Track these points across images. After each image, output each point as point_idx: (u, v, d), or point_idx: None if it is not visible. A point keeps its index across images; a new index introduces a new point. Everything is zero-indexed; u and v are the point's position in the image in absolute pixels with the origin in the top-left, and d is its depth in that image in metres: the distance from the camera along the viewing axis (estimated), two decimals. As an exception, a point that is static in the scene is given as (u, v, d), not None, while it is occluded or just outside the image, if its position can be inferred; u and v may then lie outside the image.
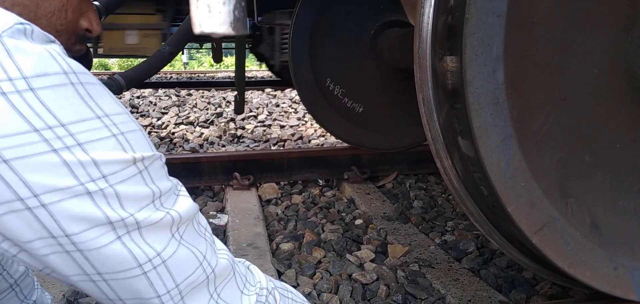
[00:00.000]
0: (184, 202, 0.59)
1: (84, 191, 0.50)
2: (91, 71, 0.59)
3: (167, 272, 0.55)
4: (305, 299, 0.79)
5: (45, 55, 0.50)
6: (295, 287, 1.47)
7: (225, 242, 1.80)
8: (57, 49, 0.52)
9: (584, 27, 0.93)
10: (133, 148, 0.53)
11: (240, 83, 2.33)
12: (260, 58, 6.85)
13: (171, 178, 0.59)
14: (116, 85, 1.43)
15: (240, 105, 2.30)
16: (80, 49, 0.73)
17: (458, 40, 0.83)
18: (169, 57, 1.59)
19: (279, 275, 1.54)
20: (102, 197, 0.51)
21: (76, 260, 0.52)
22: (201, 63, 16.42)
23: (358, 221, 2.00)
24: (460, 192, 0.99)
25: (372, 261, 1.65)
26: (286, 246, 1.75)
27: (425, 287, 1.47)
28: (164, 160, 0.59)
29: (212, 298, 0.60)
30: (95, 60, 8.56)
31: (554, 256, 0.89)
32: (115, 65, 13.93)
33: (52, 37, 0.54)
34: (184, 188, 0.61)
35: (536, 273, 1.07)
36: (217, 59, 2.05)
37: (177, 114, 4.24)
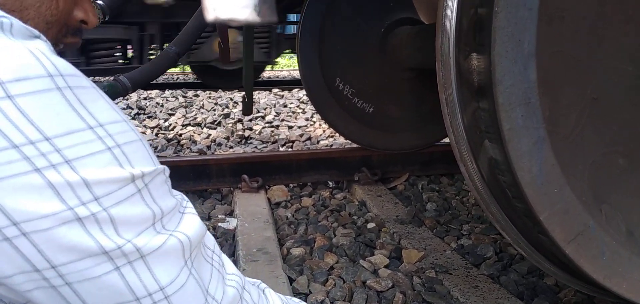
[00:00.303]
0: (191, 222, 0.51)
1: (72, 216, 0.42)
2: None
3: None
4: None
5: (26, 55, 0.42)
6: (307, 295, 1.42)
7: (234, 247, 1.75)
8: (41, 46, 0.45)
9: (617, 20, 0.87)
10: (131, 163, 0.46)
11: (249, 84, 2.28)
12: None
13: (175, 193, 0.52)
14: (121, 86, 1.39)
15: (248, 106, 2.25)
16: (74, 41, 0.64)
17: (485, 36, 0.77)
18: (175, 58, 1.54)
19: (291, 282, 1.48)
20: (94, 223, 0.43)
21: (64, 296, 0.44)
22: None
23: (370, 225, 1.94)
24: (486, 198, 0.93)
25: (386, 267, 1.59)
26: (297, 251, 1.70)
27: (443, 295, 1.41)
28: (167, 173, 0.52)
29: None
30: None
31: (589, 266, 0.83)
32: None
33: (37, 32, 0.47)
34: (190, 204, 0.54)
35: (567, 283, 1.00)
36: (225, 59, 1.99)
37: (185, 116, 4.21)
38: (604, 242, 0.84)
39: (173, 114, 4.27)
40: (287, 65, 14.64)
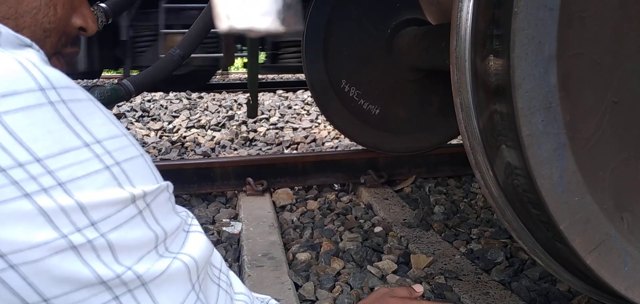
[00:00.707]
0: (197, 242, 0.48)
1: (66, 245, 0.38)
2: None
3: None
4: None
5: (14, 66, 0.38)
6: (314, 302, 1.39)
7: (239, 252, 1.73)
8: (32, 56, 0.41)
9: (638, 22, 0.83)
10: (132, 182, 0.42)
11: (253, 86, 2.25)
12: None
13: (180, 210, 0.49)
14: (125, 90, 1.36)
15: (253, 109, 2.22)
16: (74, 52, 0.61)
17: (504, 37, 0.74)
18: (179, 61, 1.51)
19: (297, 288, 1.45)
20: (90, 250, 0.39)
21: None
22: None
23: (377, 229, 1.91)
24: (501, 204, 0.89)
25: (394, 272, 1.56)
26: (303, 256, 1.67)
27: (454, 302, 1.38)
28: (171, 190, 0.48)
29: None
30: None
31: (610, 277, 0.79)
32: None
33: (28, 41, 0.43)
34: (195, 221, 0.50)
35: (586, 294, 0.97)
36: (229, 63, 1.96)
37: (188, 118, 4.18)
38: (626, 252, 0.80)
39: (177, 116, 4.25)
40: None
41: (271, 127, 3.91)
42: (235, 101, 5.11)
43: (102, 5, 1.22)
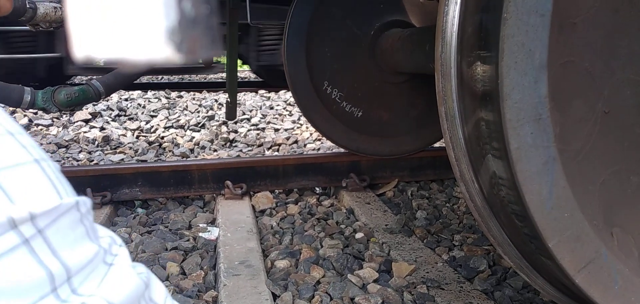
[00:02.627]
0: (121, 279, 0.35)
1: None
2: None
3: None
4: None
5: None
6: (292, 313, 1.33)
7: (215, 259, 1.66)
8: None
9: (631, 28, 0.80)
10: (10, 197, 0.30)
11: (232, 87, 2.18)
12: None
13: (102, 235, 0.36)
14: (94, 91, 1.29)
15: (232, 110, 2.16)
16: None
17: (492, 44, 0.69)
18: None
19: (275, 298, 1.40)
20: None
21: None
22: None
23: (358, 235, 1.86)
24: (487, 219, 0.85)
25: (375, 281, 1.51)
26: (282, 264, 1.61)
27: (437, 314, 1.34)
28: (85, 208, 0.35)
29: None
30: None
31: (600, 296, 0.76)
32: (105, 64, 13.73)
33: None
34: (124, 250, 0.38)
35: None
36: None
37: (167, 117, 4.09)
38: (616, 270, 0.77)
39: (155, 116, 4.15)
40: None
41: (252, 128, 3.84)
42: (216, 100, 5.02)
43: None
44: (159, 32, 0.19)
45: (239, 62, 6.74)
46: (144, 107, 4.59)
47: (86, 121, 3.85)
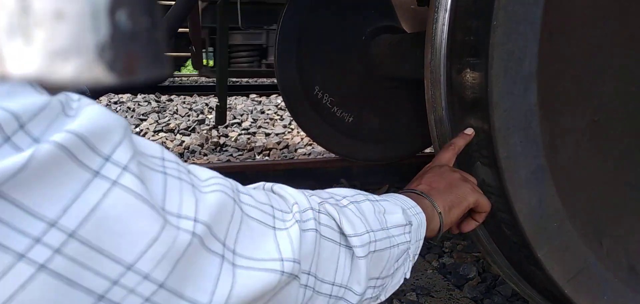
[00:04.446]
0: (88, 113, 0.30)
1: None
2: None
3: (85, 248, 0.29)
4: (366, 194, 0.59)
5: None
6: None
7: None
8: None
9: (621, 38, 0.80)
10: None
11: (222, 91, 2.17)
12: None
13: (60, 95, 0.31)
14: (80, 93, 1.26)
15: (221, 115, 2.14)
16: None
17: (481, 52, 0.69)
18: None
19: (263, 307, 1.38)
20: None
21: None
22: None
23: (349, 241, 1.85)
24: (477, 229, 0.84)
25: (365, 288, 1.50)
26: (271, 271, 1.60)
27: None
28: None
29: (225, 259, 0.37)
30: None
31: (589, 307, 0.75)
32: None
33: None
34: (85, 99, 0.32)
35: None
36: (198, 66, 1.88)
37: (157, 121, 4.05)
38: (605, 279, 0.76)
39: (145, 119, 4.12)
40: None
41: (243, 132, 3.82)
42: (207, 104, 5.00)
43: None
44: (85, 48, 0.16)
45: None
46: (133, 110, 4.56)
47: (75, 124, 3.81)
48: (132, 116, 4.27)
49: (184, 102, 5.10)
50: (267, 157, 3.13)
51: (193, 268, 0.34)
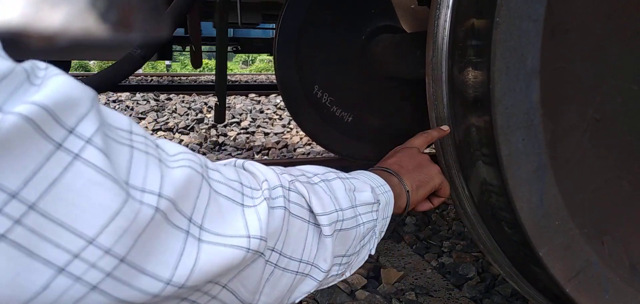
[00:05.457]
0: (53, 84, 0.30)
1: None
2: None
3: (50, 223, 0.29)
4: (337, 172, 0.60)
5: None
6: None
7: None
8: None
9: (623, 36, 0.79)
10: None
11: (221, 89, 2.16)
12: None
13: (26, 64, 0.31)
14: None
15: (220, 113, 2.13)
16: None
17: (484, 49, 0.68)
18: (140, 62, 1.42)
19: (262, 305, 1.37)
20: None
21: None
22: (185, 65, 16.04)
23: (348, 241, 1.85)
24: (477, 227, 0.84)
25: (364, 288, 1.50)
26: (270, 270, 1.59)
27: None
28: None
29: (190, 234, 0.36)
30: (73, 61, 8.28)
31: (590, 306, 0.75)
32: (95, 67, 13.60)
33: None
34: (53, 69, 0.32)
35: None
36: (197, 64, 1.87)
37: (155, 120, 4.05)
38: (606, 279, 0.76)
39: (143, 118, 4.11)
40: (265, 69, 14.52)
41: (242, 131, 3.81)
42: (206, 103, 4.99)
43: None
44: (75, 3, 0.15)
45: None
46: (132, 109, 4.55)
47: (73, 123, 3.80)
48: (130, 115, 4.26)
49: (182, 101, 5.10)
50: (266, 157, 3.13)
51: (155, 243, 0.34)
